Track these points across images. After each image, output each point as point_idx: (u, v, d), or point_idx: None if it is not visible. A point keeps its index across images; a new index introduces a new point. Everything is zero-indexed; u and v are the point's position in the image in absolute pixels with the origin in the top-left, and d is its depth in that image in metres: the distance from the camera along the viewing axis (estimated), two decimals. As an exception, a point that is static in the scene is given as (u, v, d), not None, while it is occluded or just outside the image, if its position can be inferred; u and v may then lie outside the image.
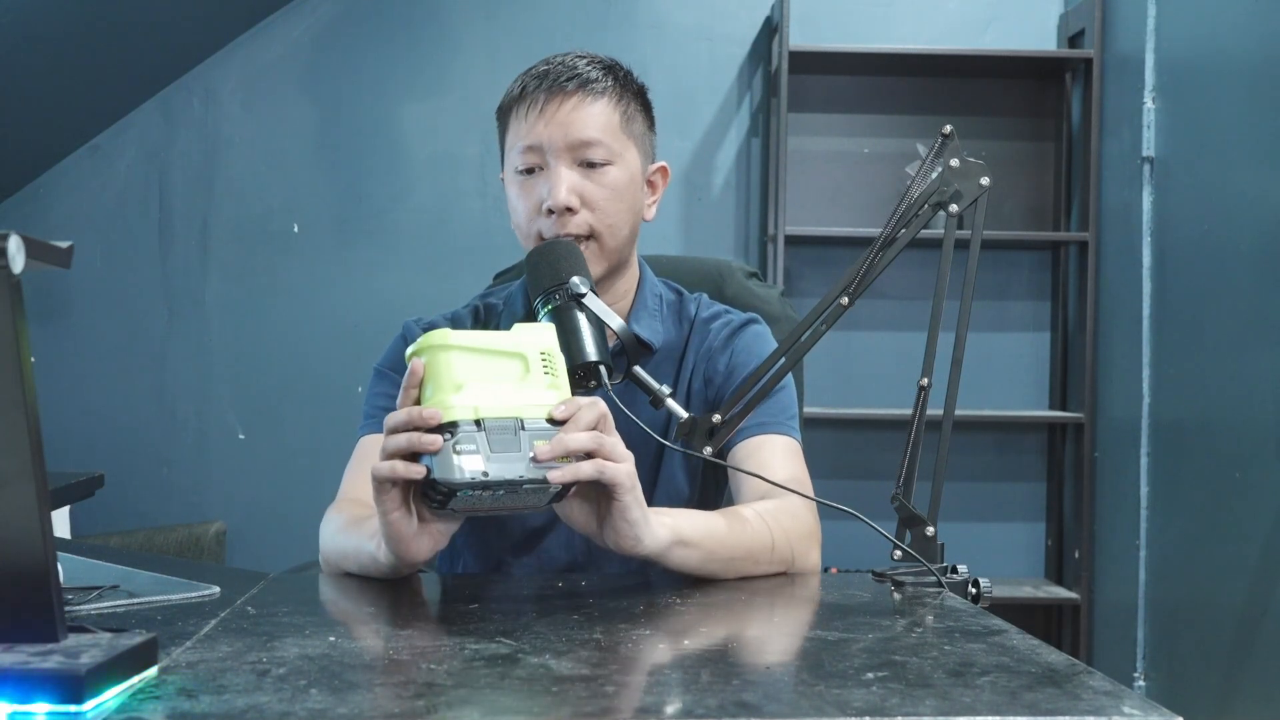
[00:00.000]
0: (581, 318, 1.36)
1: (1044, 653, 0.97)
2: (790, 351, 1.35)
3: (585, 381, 1.35)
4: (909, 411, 1.30)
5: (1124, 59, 3.33)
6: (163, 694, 0.84)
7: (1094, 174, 3.44)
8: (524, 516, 1.50)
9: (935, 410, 1.30)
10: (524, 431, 1.16)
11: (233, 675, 0.89)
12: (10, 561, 0.80)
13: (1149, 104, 3.16)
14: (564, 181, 1.46)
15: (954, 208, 1.32)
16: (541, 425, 1.18)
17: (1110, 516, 3.35)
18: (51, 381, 3.55)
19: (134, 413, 3.62)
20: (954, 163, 1.32)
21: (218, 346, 3.64)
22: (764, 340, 1.58)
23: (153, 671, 0.89)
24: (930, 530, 1.27)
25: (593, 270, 1.46)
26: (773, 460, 1.45)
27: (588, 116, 1.48)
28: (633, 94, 1.54)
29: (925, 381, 1.30)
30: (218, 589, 1.22)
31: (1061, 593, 3.48)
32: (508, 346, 1.21)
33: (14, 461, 0.78)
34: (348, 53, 3.64)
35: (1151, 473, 3.12)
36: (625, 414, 1.32)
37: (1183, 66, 3.07)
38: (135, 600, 1.18)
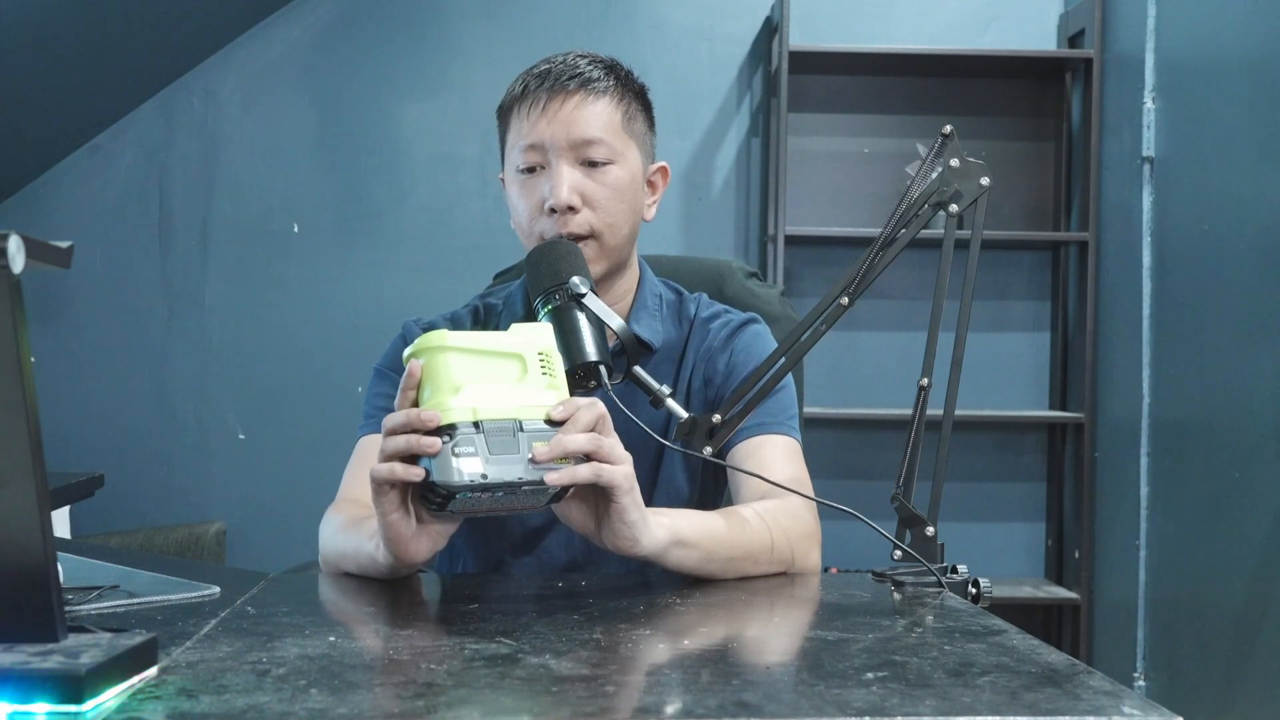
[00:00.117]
0: (581, 318, 1.36)
1: (1044, 653, 0.97)
2: (790, 351, 1.35)
3: (585, 381, 1.35)
4: (909, 411, 1.30)
5: (1124, 59, 3.33)
6: (163, 694, 0.84)
7: (1094, 174, 3.44)
8: (523, 516, 1.50)
9: (935, 410, 1.30)
10: (522, 433, 1.16)
11: (233, 675, 0.89)
12: (10, 561, 0.80)
13: (1149, 104, 3.16)
14: (565, 180, 1.46)
15: (954, 208, 1.32)
16: (540, 426, 1.18)
17: (1110, 516, 3.35)
18: (51, 381, 3.55)
19: (134, 413, 3.62)
20: (954, 163, 1.32)
21: (218, 346, 3.64)
22: (764, 340, 1.58)
23: (153, 671, 0.89)
24: (930, 530, 1.27)
25: (593, 270, 1.46)
26: (773, 460, 1.45)
27: (590, 115, 1.48)
28: (634, 94, 1.54)
29: (925, 381, 1.30)
30: (218, 589, 1.22)
31: (1061, 593, 3.48)
32: (505, 347, 1.21)
33: (14, 461, 0.78)
34: (348, 53, 3.64)
35: (1151, 473, 3.12)
36: (625, 414, 1.32)
37: (1183, 66, 3.07)
38: (135, 600, 1.18)
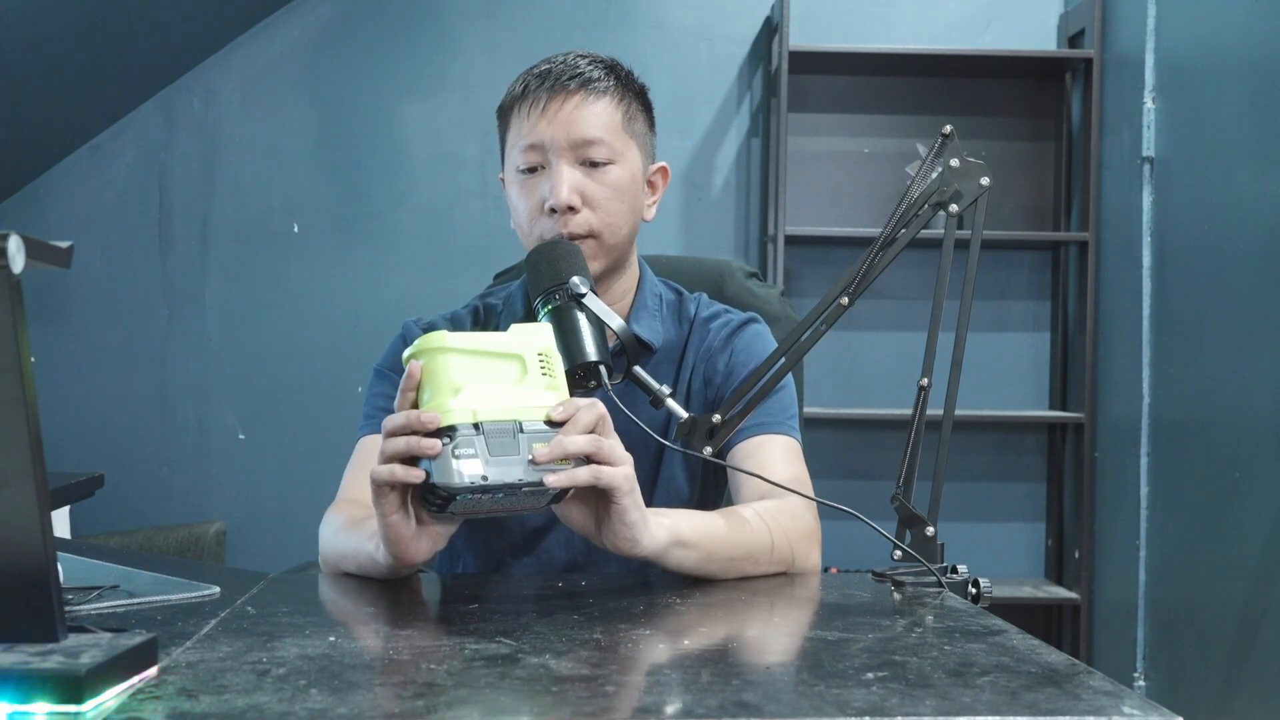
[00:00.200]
0: (581, 318, 1.36)
1: (1044, 653, 0.97)
2: (790, 351, 1.35)
3: (585, 381, 1.35)
4: (909, 411, 1.30)
5: (1124, 59, 3.33)
6: (163, 694, 0.84)
7: (1094, 174, 3.44)
8: (523, 517, 1.50)
9: (935, 410, 1.30)
10: (522, 434, 1.16)
11: (233, 675, 0.89)
12: (10, 561, 0.80)
13: (1149, 104, 3.16)
14: (566, 181, 1.46)
15: (954, 208, 1.32)
16: (540, 427, 1.18)
17: (1110, 516, 3.35)
18: (51, 381, 3.55)
19: (134, 413, 3.62)
20: (954, 163, 1.32)
21: (218, 346, 3.64)
22: (763, 340, 1.58)
23: (153, 671, 0.89)
24: (930, 530, 1.27)
25: (592, 268, 1.46)
26: (773, 460, 1.45)
27: (590, 115, 1.48)
28: (634, 94, 1.54)
29: (925, 381, 1.30)
30: (218, 589, 1.22)
31: (1061, 593, 3.48)
32: (505, 348, 1.21)
33: (14, 461, 0.78)
34: (348, 53, 3.64)
35: (1151, 473, 3.12)
36: (625, 414, 1.32)
37: (1183, 66, 3.07)
38: (135, 600, 1.18)
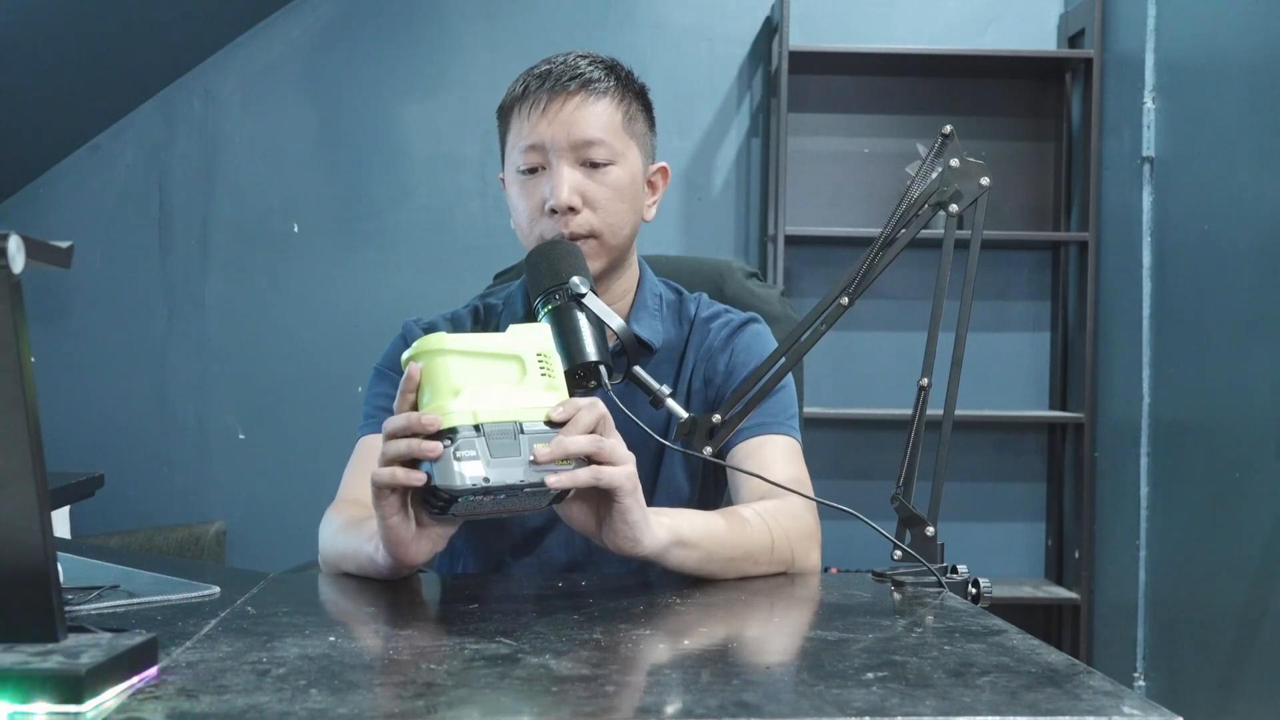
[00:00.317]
0: (581, 318, 1.36)
1: (1044, 653, 0.97)
2: (790, 351, 1.35)
3: (585, 381, 1.35)
4: (909, 411, 1.30)
5: (1124, 59, 3.33)
6: (163, 694, 0.84)
7: (1094, 174, 3.44)
8: (524, 517, 1.50)
9: (935, 410, 1.30)
10: (523, 435, 1.16)
11: (233, 675, 0.89)
12: (10, 561, 0.80)
13: (1149, 104, 3.16)
14: (566, 181, 1.46)
15: (954, 208, 1.32)
16: (540, 428, 1.17)
17: (1110, 516, 3.35)
18: (51, 381, 3.55)
19: (134, 413, 3.62)
20: (954, 163, 1.32)
21: (218, 346, 3.64)
22: (764, 339, 1.58)
23: (153, 671, 0.89)
24: (930, 530, 1.27)
25: (592, 268, 1.46)
26: (773, 460, 1.45)
27: (590, 116, 1.48)
28: (634, 94, 1.54)
29: (925, 381, 1.30)
30: (218, 589, 1.22)
31: (1061, 593, 3.48)
32: (504, 349, 1.21)
33: (14, 461, 0.78)
34: (348, 53, 3.64)
35: (1151, 473, 3.12)
36: (625, 414, 1.32)
37: (1183, 66, 3.07)
38: (135, 600, 1.18)
